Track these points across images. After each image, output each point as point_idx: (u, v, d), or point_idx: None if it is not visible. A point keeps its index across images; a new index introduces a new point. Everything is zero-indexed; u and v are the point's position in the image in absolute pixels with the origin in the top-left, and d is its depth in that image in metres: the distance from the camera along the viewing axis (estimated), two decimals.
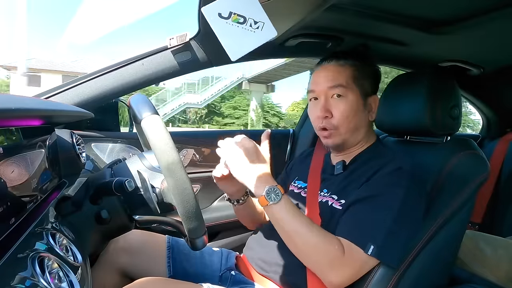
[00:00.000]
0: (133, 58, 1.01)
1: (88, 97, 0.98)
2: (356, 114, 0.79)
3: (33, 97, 0.91)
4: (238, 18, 0.57)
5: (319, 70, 0.82)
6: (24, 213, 0.52)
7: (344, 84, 0.78)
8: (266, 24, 0.58)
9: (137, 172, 0.69)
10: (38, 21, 38.19)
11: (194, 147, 1.27)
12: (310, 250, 0.66)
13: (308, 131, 1.41)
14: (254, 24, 0.58)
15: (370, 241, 0.64)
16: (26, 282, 0.37)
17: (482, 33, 0.90)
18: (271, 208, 0.66)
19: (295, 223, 0.66)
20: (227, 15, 0.57)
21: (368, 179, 0.73)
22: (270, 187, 0.65)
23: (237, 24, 0.57)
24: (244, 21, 0.57)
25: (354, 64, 0.80)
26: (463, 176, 0.77)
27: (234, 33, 0.57)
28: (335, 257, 0.64)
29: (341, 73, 0.79)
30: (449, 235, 0.76)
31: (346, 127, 0.79)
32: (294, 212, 0.67)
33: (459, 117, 0.87)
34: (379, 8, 0.82)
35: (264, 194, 0.65)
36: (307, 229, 0.65)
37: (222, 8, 0.57)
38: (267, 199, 0.65)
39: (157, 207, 0.65)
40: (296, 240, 0.66)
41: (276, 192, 0.65)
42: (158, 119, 0.53)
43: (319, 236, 0.65)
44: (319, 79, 0.81)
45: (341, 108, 0.78)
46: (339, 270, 0.64)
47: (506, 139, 1.60)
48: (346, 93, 0.78)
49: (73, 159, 0.80)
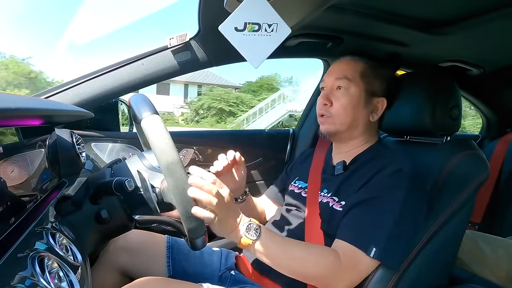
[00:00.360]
0: (133, 58, 1.01)
1: (88, 97, 0.98)
2: (354, 109, 0.80)
3: (33, 97, 0.91)
4: (253, 26, 0.59)
5: (334, 64, 0.86)
6: (24, 212, 0.52)
7: (350, 77, 0.80)
8: (280, 24, 0.59)
9: (137, 171, 0.69)
10: (39, 21, 38.17)
11: (194, 147, 1.27)
12: (308, 271, 0.65)
13: (308, 131, 1.41)
14: (268, 27, 0.59)
15: (372, 244, 0.64)
16: (26, 281, 0.37)
17: (482, 33, 0.90)
18: (256, 245, 0.61)
19: (286, 249, 0.64)
20: (242, 26, 0.58)
21: (368, 180, 0.73)
22: (246, 225, 0.61)
23: (253, 32, 0.59)
24: (259, 28, 0.59)
25: (366, 62, 0.83)
26: (463, 176, 0.77)
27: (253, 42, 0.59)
28: (334, 267, 0.64)
29: (351, 66, 0.82)
30: (449, 235, 0.76)
31: (343, 119, 0.81)
32: (279, 239, 0.65)
33: (459, 117, 0.87)
34: (379, 9, 0.82)
35: (244, 234, 0.60)
36: (300, 251, 0.65)
37: (237, 22, 0.58)
38: (249, 237, 0.60)
39: (157, 206, 0.65)
40: (292, 266, 0.65)
41: (254, 227, 0.61)
42: (158, 118, 0.53)
43: (313, 254, 0.65)
44: (330, 71, 0.85)
45: (341, 99, 0.80)
46: (341, 278, 0.64)
47: (506, 139, 1.60)
48: (349, 86, 0.80)
49: (73, 158, 0.80)
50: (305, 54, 1.23)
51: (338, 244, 0.68)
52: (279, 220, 0.89)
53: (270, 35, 0.59)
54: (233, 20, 0.58)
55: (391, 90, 0.85)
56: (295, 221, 0.84)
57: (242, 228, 0.60)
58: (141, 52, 1.02)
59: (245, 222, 0.61)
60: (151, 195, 0.65)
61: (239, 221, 0.61)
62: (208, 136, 1.37)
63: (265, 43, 0.59)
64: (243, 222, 0.61)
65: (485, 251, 1.01)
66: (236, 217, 0.61)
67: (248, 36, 0.59)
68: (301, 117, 1.50)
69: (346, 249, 0.66)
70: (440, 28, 0.88)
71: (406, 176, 0.70)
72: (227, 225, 0.59)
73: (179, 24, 42.97)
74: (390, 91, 0.85)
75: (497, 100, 1.66)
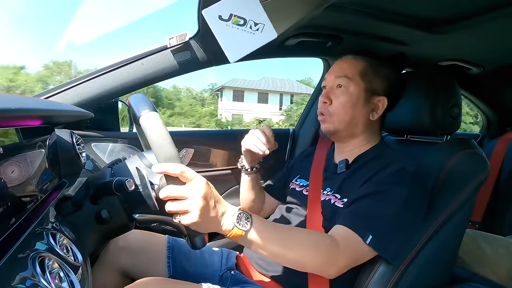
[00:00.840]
0: (132, 58, 1.01)
1: (88, 97, 0.98)
2: (353, 107, 0.80)
3: (33, 97, 0.91)
4: (239, 20, 0.57)
5: (336, 62, 0.87)
6: (25, 213, 0.52)
7: (349, 76, 0.81)
8: (267, 26, 0.58)
9: (135, 168, 0.69)
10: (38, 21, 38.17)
11: (194, 146, 1.27)
12: (306, 257, 0.62)
13: (308, 130, 1.41)
14: (254, 26, 0.58)
15: (369, 231, 0.65)
16: (27, 282, 0.38)
17: (482, 32, 0.90)
18: (249, 235, 0.57)
19: (282, 237, 0.60)
20: (227, 17, 0.57)
21: (371, 177, 0.73)
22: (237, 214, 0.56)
23: (237, 26, 0.58)
24: (244, 23, 0.58)
25: (367, 60, 0.83)
26: (463, 175, 0.77)
27: (234, 35, 0.57)
28: (331, 252, 0.63)
29: (351, 65, 0.82)
30: (449, 234, 0.76)
31: (341, 118, 0.81)
32: (273, 226, 0.61)
33: (459, 116, 0.87)
34: (379, 7, 0.82)
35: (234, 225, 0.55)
36: (296, 238, 0.62)
37: (222, 10, 0.57)
38: (241, 228, 0.55)
39: (155, 204, 0.65)
40: (290, 254, 0.61)
41: (244, 215, 0.57)
42: (156, 115, 0.53)
43: (310, 240, 0.64)
44: (332, 70, 0.85)
45: (340, 98, 0.81)
46: (337, 262, 0.64)
47: (506, 138, 1.60)
48: (348, 85, 0.80)
49: (73, 159, 0.80)
50: (305, 53, 1.23)
51: (336, 229, 0.68)
52: (279, 218, 0.89)
53: (254, 34, 0.58)
54: (218, 8, 0.57)
55: (393, 90, 0.84)
56: (296, 219, 0.84)
57: (232, 219, 0.55)
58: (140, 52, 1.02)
59: (235, 212, 0.56)
60: (150, 192, 0.65)
61: (226, 211, 0.55)
62: (208, 135, 1.37)
63: (247, 40, 0.58)
64: (232, 212, 0.56)
65: (485, 250, 1.01)
66: (222, 208, 0.55)
67: (230, 28, 0.57)
68: (301, 117, 1.50)
69: (344, 233, 0.66)
70: (440, 27, 0.87)
71: (408, 175, 0.71)
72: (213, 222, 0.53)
73: (179, 25, 43.05)
74: (393, 90, 0.84)
75: (497, 98, 1.66)
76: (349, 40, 1.03)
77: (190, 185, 0.50)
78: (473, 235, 1.06)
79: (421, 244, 0.73)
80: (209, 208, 0.52)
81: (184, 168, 0.50)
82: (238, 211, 0.56)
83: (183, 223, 0.51)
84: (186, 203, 0.50)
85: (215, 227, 0.55)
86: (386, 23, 0.88)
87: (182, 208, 0.50)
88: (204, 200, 0.50)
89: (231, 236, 0.56)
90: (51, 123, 0.73)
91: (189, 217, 0.50)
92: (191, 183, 0.50)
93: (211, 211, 0.52)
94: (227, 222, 0.55)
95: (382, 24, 0.89)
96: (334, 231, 0.68)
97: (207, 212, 0.51)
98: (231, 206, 0.57)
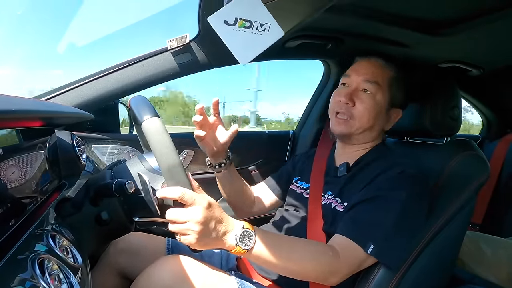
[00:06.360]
0: (133, 60, 1.01)
1: (88, 99, 0.98)
2: (376, 116, 0.79)
3: (33, 99, 0.91)
4: (244, 23, 0.58)
5: (365, 60, 0.82)
6: (24, 214, 0.52)
7: (380, 83, 0.78)
8: (273, 25, 0.58)
9: (137, 174, 0.69)
10: (37, 21, 38.17)
11: (194, 148, 1.27)
12: (308, 270, 0.63)
13: (308, 132, 1.41)
14: (260, 26, 0.58)
15: (370, 240, 0.64)
16: (26, 283, 0.37)
17: (482, 34, 0.90)
18: (252, 251, 0.57)
19: (284, 252, 0.61)
20: (233, 21, 0.57)
21: (371, 180, 0.73)
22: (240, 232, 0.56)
23: (244, 29, 0.58)
24: (250, 25, 0.58)
25: (397, 72, 0.81)
26: (463, 177, 0.77)
27: (242, 38, 0.58)
28: (333, 263, 0.63)
29: (383, 72, 0.80)
30: (450, 236, 0.76)
31: (362, 124, 0.78)
32: (275, 242, 0.61)
33: (459, 118, 0.87)
34: (379, 10, 0.82)
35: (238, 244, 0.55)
36: (298, 251, 0.63)
37: (227, 16, 0.57)
38: (243, 247, 0.56)
39: (157, 210, 0.65)
40: (291, 268, 0.62)
41: (247, 234, 0.56)
42: (158, 121, 0.53)
43: (312, 252, 0.64)
44: (359, 68, 0.81)
45: (367, 102, 0.78)
46: (338, 272, 0.64)
47: (507, 139, 1.60)
48: (376, 92, 0.78)
49: (73, 160, 0.80)
50: (305, 55, 1.23)
51: (337, 238, 0.68)
52: (279, 220, 0.88)
53: (261, 34, 0.58)
54: (223, 13, 0.57)
55: (408, 103, 0.84)
56: (296, 221, 0.84)
57: (234, 238, 0.55)
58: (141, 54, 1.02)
59: (238, 231, 0.56)
60: (152, 198, 0.64)
61: (229, 230, 0.55)
62: None
63: (255, 41, 0.58)
64: (235, 232, 0.56)
65: (486, 252, 1.01)
66: (224, 228, 0.55)
67: (237, 31, 0.57)
68: (301, 118, 1.50)
69: (345, 243, 0.65)
70: (440, 29, 0.88)
71: (409, 178, 0.70)
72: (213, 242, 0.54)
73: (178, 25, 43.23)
74: (408, 103, 0.84)
75: (497, 100, 1.66)
76: (350, 42, 1.03)
77: (189, 210, 0.51)
78: (474, 237, 1.06)
79: (421, 246, 0.72)
80: (209, 231, 0.52)
81: (183, 192, 0.50)
82: (242, 229, 0.56)
83: (183, 243, 0.53)
84: (184, 227, 0.51)
85: (217, 245, 0.55)
86: (386, 25, 0.88)
87: (180, 231, 0.51)
88: (202, 225, 0.51)
89: (234, 252, 0.57)
90: (51, 125, 0.73)
91: (188, 239, 0.52)
92: (190, 208, 0.51)
93: (211, 233, 0.53)
94: (230, 240, 0.55)
95: (383, 26, 0.89)
96: (335, 241, 0.67)
97: (206, 234, 0.52)
98: (235, 222, 0.57)
